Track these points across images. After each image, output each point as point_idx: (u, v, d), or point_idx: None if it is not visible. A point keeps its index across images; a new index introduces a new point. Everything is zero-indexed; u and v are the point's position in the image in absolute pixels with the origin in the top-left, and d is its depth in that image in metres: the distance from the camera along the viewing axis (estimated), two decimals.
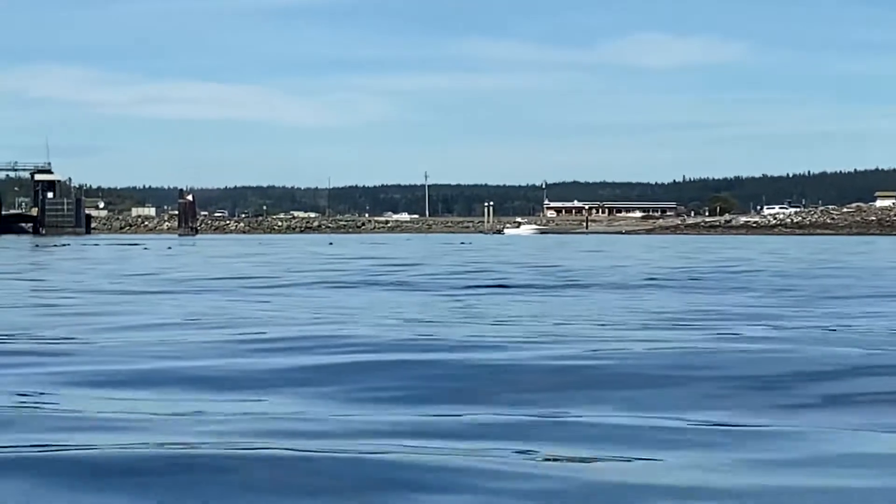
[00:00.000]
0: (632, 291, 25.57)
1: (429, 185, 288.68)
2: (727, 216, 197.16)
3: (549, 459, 6.53)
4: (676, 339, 13.46)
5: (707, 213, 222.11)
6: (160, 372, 10.43)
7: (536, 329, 15.34)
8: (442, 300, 22.43)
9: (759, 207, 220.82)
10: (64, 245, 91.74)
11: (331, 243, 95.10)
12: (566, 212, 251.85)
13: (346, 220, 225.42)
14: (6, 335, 14.12)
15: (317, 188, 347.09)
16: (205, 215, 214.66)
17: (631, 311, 19.05)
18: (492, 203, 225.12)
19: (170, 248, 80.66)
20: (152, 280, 32.10)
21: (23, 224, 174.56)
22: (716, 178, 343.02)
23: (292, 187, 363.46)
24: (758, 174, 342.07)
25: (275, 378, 9.94)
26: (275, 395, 9.14)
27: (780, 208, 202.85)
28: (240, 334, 14.07)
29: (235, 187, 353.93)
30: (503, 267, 40.98)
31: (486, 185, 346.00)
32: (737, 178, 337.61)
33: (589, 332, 14.68)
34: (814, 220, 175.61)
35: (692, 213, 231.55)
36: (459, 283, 28.98)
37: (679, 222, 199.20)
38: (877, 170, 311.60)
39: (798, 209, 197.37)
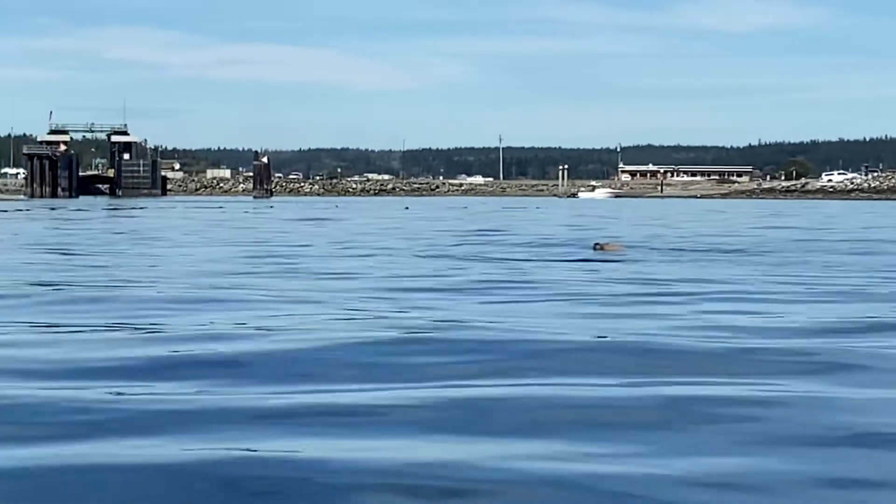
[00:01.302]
0: None
1: (503, 148, 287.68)
2: (803, 180, 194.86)
3: None
4: None
5: (783, 178, 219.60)
6: None
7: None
8: None
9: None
10: (162, 207, 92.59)
11: (407, 207, 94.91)
12: (640, 175, 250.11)
13: (421, 183, 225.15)
14: None
15: (391, 150, 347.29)
16: (279, 177, 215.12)
17: None
18: (566, 166, 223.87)
19: (272, 207, 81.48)
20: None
21: (99, 185, 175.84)
22: (791, 142, 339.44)
23: (366, 149, 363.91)
24: (834, 138, 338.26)
25: None
26: None
27: (839, 174, 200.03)
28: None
29: (309, 149, 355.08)
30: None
31: (559, 147, 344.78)
32: (812, 142, 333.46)
33: None
34: (892, 184, 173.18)
35: (767, 178, 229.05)
36: None
37: (755, 186, 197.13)
38: None
39: (875, 173, 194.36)
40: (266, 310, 14.05)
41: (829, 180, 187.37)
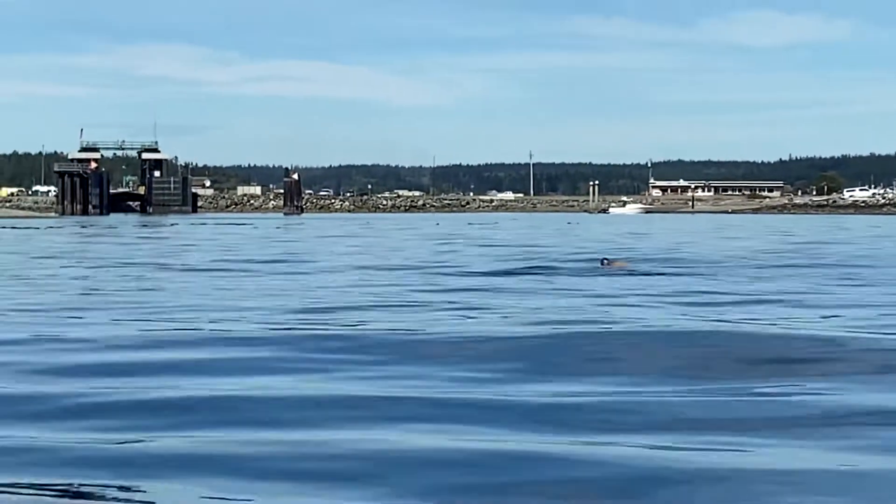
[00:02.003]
0: None
1: (533, 164, 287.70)
2: (835, 195, 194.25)
3: None
4: None
5: (814, 193, 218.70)
6: None
7: None
8: None
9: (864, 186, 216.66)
10: (182, 224, 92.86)
11: (437, 224, 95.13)
12: (671, 191, 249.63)
13: (451, 199, 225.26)
14: None
15: (420, 167, 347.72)
16: (309, 194, 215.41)
17: None
18: (597, 182, 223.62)
19: (302, 224, 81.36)
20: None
21: (130, 202, 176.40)
22: (822, 156, 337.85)
23: (396, 166, 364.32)
24: (865, 153, 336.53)
25: None
26: None
27: (860, 190, 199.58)
28: None
29: (340, 166, 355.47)
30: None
31: (590, 163, 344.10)
32: (843, 157, 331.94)
33: None
34: None
35: (799, 192, 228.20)
36: None
37: (786, 201, 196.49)
38: None
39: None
40: None
41: (851, 195, 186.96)
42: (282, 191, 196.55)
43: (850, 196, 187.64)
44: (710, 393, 9.41)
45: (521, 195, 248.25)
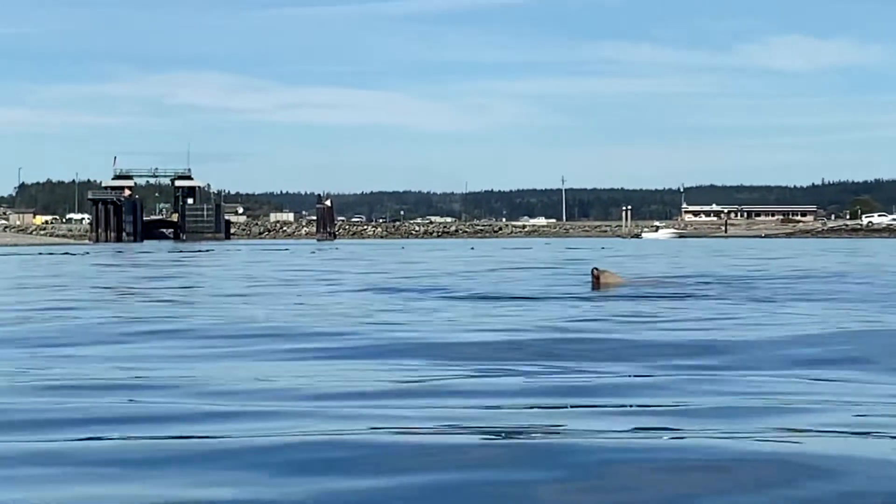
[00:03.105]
0: None
1: (565, 189, 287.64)
2: (865, 219, 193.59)
3: None
4: None
5: (848, 217, 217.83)
6: None
7: None
8: None
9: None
10: (218, 250, 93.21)
11: (472, 248, 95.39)
12: (704, 215, 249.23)
13: (484, 225, 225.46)
14: None
15: (452, 193, 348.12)
16: (342, 220, 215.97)
17: None
18: (629, 207, 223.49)
19: (337, 249, 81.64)
20: None
21: (163, 230, 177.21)
22: (855, 180, 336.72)
23: (427, 192, 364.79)
24: None
25: None
26: None
27: (879, 215, 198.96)
28: None
29: (371, 192, 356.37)
30: None
31: (622, 188, 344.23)
32: (877, 181, 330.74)
33: None
34: None
35: (832, 217, 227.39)
36: None
37: (820, 225, 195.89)
38: None
39: None
40: None
41: (870, 222, 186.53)
42: (314, 217, 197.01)
43: (869, 221, 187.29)
44: None
45: (553, 220, 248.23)
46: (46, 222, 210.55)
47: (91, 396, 10.04)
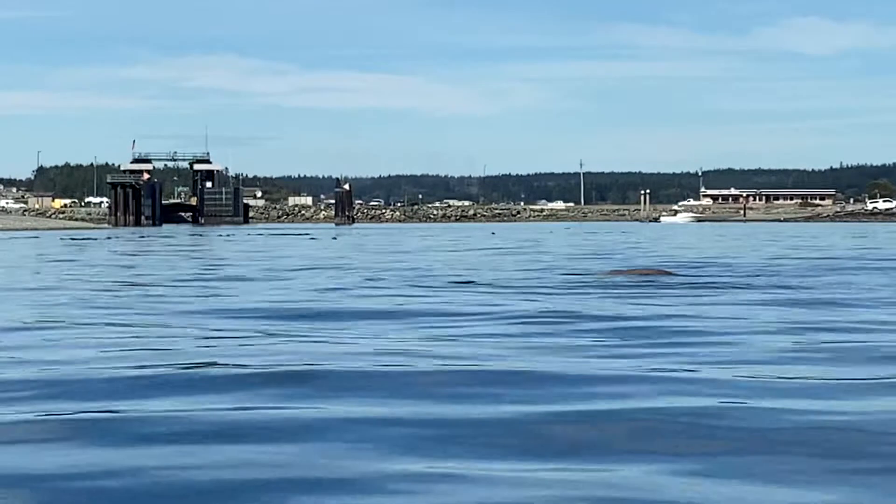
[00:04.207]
0: None
1: (583, 173, 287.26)
2: (870, 204, 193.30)
3: None
4: None
5: (867, 200, 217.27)
6: None
7: None
8: None
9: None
10: (250, 234, 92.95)
11: (493, 233, 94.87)
12: (722, 199, 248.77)
13: (502, 209, 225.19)
14: None
15: (470, 176, 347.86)
16: (360, 204, 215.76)
17: None
18: (648, 191, 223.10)
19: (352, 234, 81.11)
20: None
21: (181, 213, 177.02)
22: (874, 164, 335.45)
23: (445, 176, 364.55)
24: None
25: None
26: None
27: (884, 201, 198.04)
28: None
29: (389, 176, 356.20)
30: None
31: (640, 172, 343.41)
32: (895, 165, 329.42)
33: None
34: None
35: (851, 200, 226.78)
36: None
37: (838, 209, 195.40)
38: None
39: None
40: None
41: (875, 207, 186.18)
42: (332, 201, 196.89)
43: (874, 206, 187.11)
44: None
45: (571, 204, 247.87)
46: (65, 206, 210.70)
47: None
